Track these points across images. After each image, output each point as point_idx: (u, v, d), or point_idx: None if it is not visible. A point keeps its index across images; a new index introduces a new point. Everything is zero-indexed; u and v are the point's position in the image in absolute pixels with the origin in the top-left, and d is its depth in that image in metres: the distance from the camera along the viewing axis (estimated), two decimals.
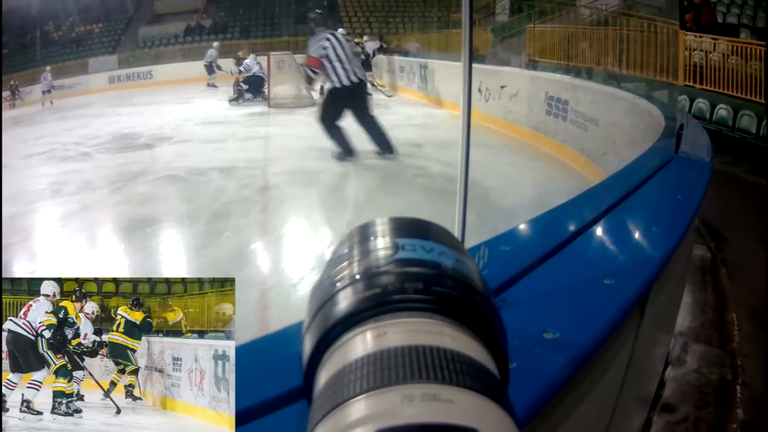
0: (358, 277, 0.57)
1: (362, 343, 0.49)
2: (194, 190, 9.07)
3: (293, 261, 6.29)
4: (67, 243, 7.20)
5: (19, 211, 8.28)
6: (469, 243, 1.80)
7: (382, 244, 0.62)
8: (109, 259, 6.59)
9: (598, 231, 2.09)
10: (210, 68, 24.37)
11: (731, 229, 6.07)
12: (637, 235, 2.19)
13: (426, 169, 9.43)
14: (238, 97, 19.56)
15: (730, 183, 7.24)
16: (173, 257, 6.74)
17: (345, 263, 0.61)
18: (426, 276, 0.55)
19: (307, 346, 0.55)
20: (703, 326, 4.26)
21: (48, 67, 25.18)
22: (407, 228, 0.65)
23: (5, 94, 24.37)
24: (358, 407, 0.41)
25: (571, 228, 2.04)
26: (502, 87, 12.20)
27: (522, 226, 2.17)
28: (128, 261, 6.47)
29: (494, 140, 11.40)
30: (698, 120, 8.22)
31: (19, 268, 6.55)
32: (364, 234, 0.66)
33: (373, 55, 22.93)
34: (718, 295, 4.80)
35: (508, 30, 19.49)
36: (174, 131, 14.42)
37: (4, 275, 6.18)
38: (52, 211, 8.47)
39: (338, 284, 0.57)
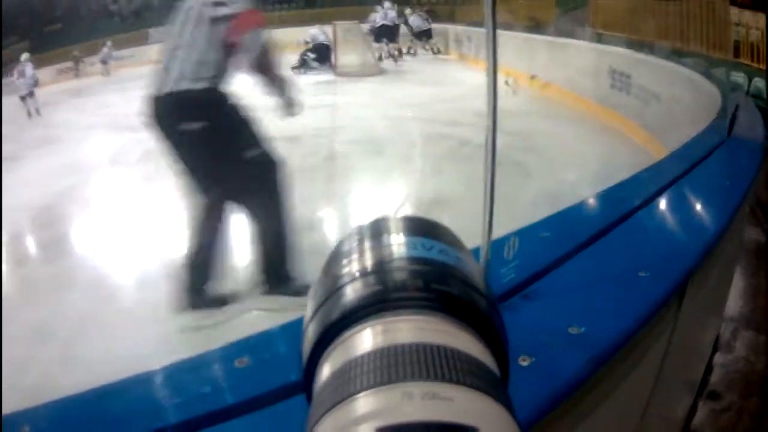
0: (358, 274, 0.57)
1: (364, 339, 0.49)
2: None
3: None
4: (131, 211, 7.34)
5: (79, 180, 8.51)
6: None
7: (384, 241, 0.61)
8: (174, 227, 6.68)
9: (642, 218, 2.06)
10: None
11: None
12: (679, 223, 2.17)
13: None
14: (301, 66, 19.48)
15: None
16: (238, 227, 6.82)
17: (346, 260, 0.60)
18: (427, 274, 0.55)
19: (308, 341, 0.55)
20: (754, 312, 4.22)
21: (109, 42, 25.60)
22: (409, 226, 0.64)
23: (69, 65, 24.58)
24: (359, 404, 0.41)
25: (614, 215, 2.01)
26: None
27: (565, 211, 2.14)
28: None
29: (559, 111, 11.43)
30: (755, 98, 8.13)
31: (79, 238, 6.74)
32: (366, 231, 0.65)
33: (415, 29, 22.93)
34: None
35: (572, 1, 19.28)
36: (238, 101, 14.37)
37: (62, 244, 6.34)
38: (112, 181, 8.67)
39: (340, 280, 0.57)
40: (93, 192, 8.29)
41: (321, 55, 19.66)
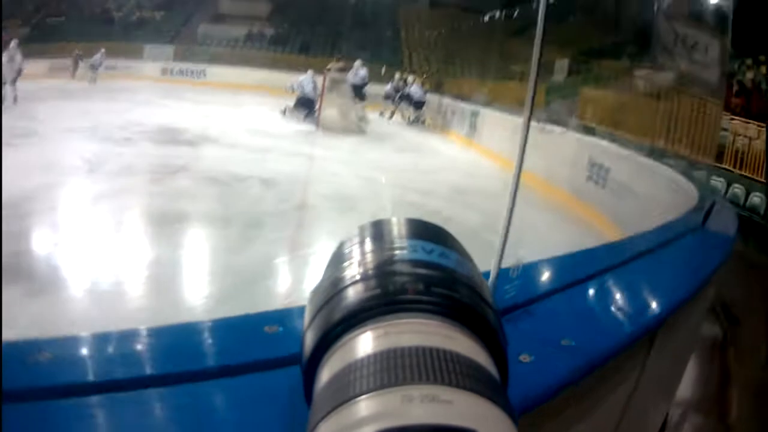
0: (359, 277, 0.59)
1: (363, 343, 0.51)
2: (233, 195, 9.12)
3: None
4: (97, 221, 7.26)
5: (51, 181, 8.40)
6: None
7: (385, 244, 0.65)
8: (136, 245, 6.67)
9: (622, 274, 2.23)
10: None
11: (748, 312, 6.08)
12: (651, 283, 2.30)
13: (462, 215, 9.46)
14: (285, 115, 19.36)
15: (757, 272, 7.25)
16: (201, 255, 6.82)
17: (347, 263, 0.63)
18: (428, 277, 0.57)
19: (308, 344, 0.57)
20: (704, 399, 4.30)
21: (103, 48, 25.31)
22: (410, 229, 0.69)
23: (68, 62, 24.47)
24: (360, 407, 0.42)
25: (591, 269, 2.15)
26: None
27: (554, 258, 2.28)
28: (158, 251, 6.53)
29: (534, 199, 11.48)
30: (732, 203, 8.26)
31: (40, 238, 6.65)
32: (365, 235, 0.68)
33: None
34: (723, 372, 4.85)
35: (562, 89, 19.49)
36: (220, 134, 14.45)
37: (21, 243, 6.24)
38: (87, 187, 8.59)
39: (339, 284, 0.60)
40: (63, 196, 8.23)
41: (306, 108, 19.39)
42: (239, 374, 1.09)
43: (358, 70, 21.67)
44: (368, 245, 0.65)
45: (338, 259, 0.65)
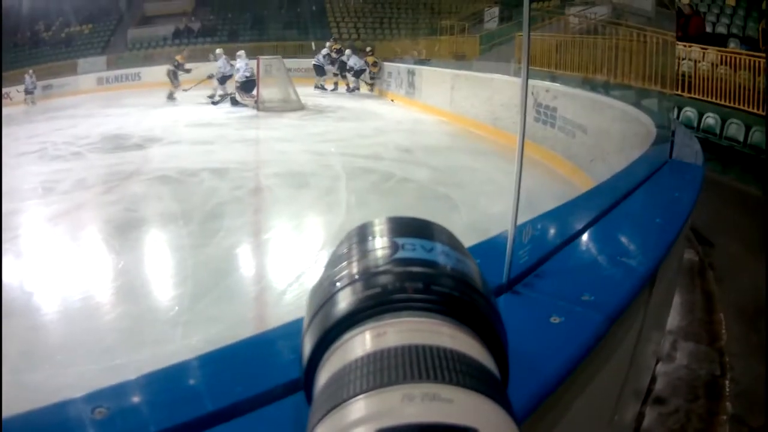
0: (357, 276, 0.59)
1: (362, 342, 0.51)
2: (187, 191, 9.05)
3: (287, 261, 6.29)
4: (60, 241, 7.18)
5: (10, 209, 8.26)
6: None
7: (381, 243, 0.64)
8: (102, 257, 6.58)
9: (612, 220, 2.32)
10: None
11: (719, 235, 6.15)
12: (643, 224, 2.39)
13: (413, 173, 9.47)
14: (233, 104, 19.23)
15: (719, 191, 7.32)
16: (168, 256, 6.76)
17: (344, 263, 0.63)
18: (426, 275, 0.57)
19: (307, 345, 0.57)
20: (692, 325, 4.35)
21: (30, 70, 24.68)
22: (407, 227, 0.67)
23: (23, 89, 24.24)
24: (359, 407, 0.42)
25: (583, 220, 2.23)
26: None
27: (528, 224, 2.30)
28: (123, 260, 6.44)
29: (483, 146, 11.47)
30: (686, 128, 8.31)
31: (7, 265, 6.46)
32: (363, 234, 0.68)
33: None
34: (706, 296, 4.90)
35: (497, 37, 19.53)
36: (164, 132, 14.34)
37: None
38: (44, 210, 8.39)
39: (338, 284, 0.59)
40: (22, 220, 8.06)
41: (248, 90, 19.19)
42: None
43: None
44: (364, 245, 0.65)
45: (334, 260, 0.65)
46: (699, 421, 3.31)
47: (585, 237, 2.08)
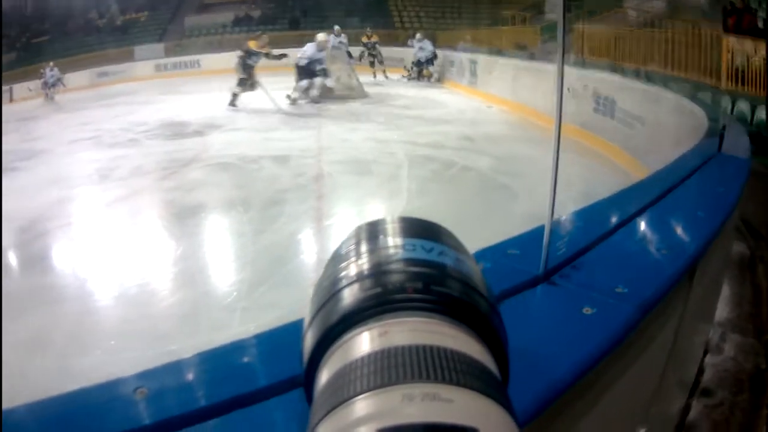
0: (358, 276, 0.59)
1: (363, 342, 0.51)
2: (248, 177, 9.07)
3: None
4: (116, 227, 7.23)
5: (64, 195, 8.40)
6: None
7: (383, 243, 0.65)
8: (160, 243, 6.68)
9: (654, 212, 2.34)
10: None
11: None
12: (685, 217, 2.40)
13: (475, 161, 9.44)
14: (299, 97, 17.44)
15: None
16: (227, 242, 6.82)
17: (347, 262, 0.63)
18: (427, 276, 0.58)
19: (309, 344, 0.57)
20: (740, 318, 4.32)
21: (51, 63, 24.07)
22: (408, 228, 0.68)
23: (41, 82, 24.09)
24: (359, 406, 0.43)
25: (625, 213, 2.25)
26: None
27: (570, 215, 2.33)
28: (182, 245, 6.52)
29: (543, 136, 11.40)
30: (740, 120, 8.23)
31: (61, 251, 6.64)
32: (366, 233, 0.69)
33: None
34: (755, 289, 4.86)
35: (556, 29, 19.39)
36: (224, 119, 14.31)
37: (45, 259, 6.24)
38: (100, 196, 8.49)
39: (339, 283, 0.60)
40: (78, 206, 8.17)
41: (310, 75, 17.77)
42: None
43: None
44: (366, 245, 0.66)
45: (336, 259, 0.66)
46: (743, 415, 3.31)
47: (626, 229, 2.11)
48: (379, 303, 0.54)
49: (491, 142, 11.27)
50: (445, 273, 0.59)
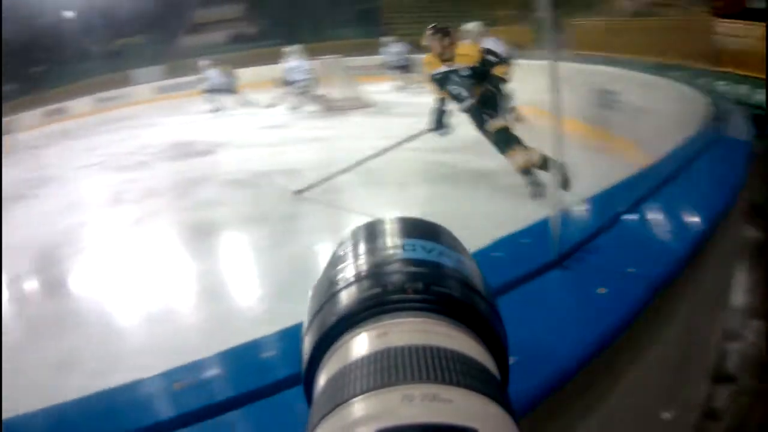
0: (357, 277, 0.59)
1: (362, 343, 0.51)
2: (260, 192, 9.12)
3: None
4: (132, 248, 7.23)
5: (79, 220, 8.45)
6: None
7: (382, 244, 0.64)
8: (178, 261, 6.70)
9: (661, 196, 2.41)
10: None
11: None
12: (691, 201, 2.46)
13: (482, 164, 9.35)
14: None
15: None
16: (246, 257, 6.83)
17: (345, 263, 0.63)
18: (426, 276, 0.57)
19: (307, 346, 0.57)
20: (760, 304, 4.34)
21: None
22: (408, 228, 0.67)
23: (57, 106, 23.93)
24: (358, 407, 0.43)
25: (634, 197, 2.34)
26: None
27: (579, 202, 2.43)
28: (200, 263, 6.53)
29: (545, 132, 11.31)
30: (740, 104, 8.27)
31: (82, 276, 6.67)
32: (364, 234, 0.68)
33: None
34: None
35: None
36: (231, 137, 14.31)
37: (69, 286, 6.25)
38: (116, 218, 8.49)
39: (338, 284, 0.59)
40: (95, 230, 8.14)
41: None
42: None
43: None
44: (364, 246, 0.65)
45: (335, 261, 0.66)
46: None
47: (635, 213, 2.18)
48: (378, 303, 0.55)
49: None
50: (446, 273, 0.59)
